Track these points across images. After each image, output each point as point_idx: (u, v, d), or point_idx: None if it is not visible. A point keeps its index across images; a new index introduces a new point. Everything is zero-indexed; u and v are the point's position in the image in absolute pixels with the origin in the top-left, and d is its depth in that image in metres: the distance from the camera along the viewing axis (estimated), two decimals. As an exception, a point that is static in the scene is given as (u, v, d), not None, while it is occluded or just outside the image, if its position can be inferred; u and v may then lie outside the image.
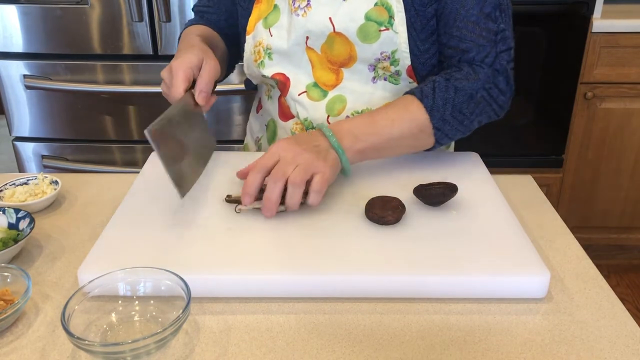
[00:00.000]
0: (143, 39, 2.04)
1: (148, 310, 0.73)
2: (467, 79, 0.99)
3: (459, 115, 0.99)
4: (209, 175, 1.02)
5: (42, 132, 2.19)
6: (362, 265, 0.78)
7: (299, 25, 1.03)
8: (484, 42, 1.00)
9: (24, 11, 2.00)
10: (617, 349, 0.70)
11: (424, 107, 0.97)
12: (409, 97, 0.99)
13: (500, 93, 1.02)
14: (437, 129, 0.99)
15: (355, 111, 1.07)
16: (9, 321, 0.73)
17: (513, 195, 1.03)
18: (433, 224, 0.87)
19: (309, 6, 1.02)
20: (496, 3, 1.00)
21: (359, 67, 1.05)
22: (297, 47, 1.06)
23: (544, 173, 2.31)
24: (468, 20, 1.00)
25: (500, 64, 1.01)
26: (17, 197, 0.99)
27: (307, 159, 0.87)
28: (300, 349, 0.70)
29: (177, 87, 0.97)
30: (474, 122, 1.02)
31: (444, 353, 0.69)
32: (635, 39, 2.13)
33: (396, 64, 1.03)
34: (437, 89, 0.98)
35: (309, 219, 0.88)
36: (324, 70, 1.07)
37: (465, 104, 0.99)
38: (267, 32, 1.08)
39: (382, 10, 0.99)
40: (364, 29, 1.00)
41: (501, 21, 1.01)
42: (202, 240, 0.83)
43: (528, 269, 0.78)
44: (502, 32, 1.01)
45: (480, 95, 1.00)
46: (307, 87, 1.08)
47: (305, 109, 1.09)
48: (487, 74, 1.00)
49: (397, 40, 1.01)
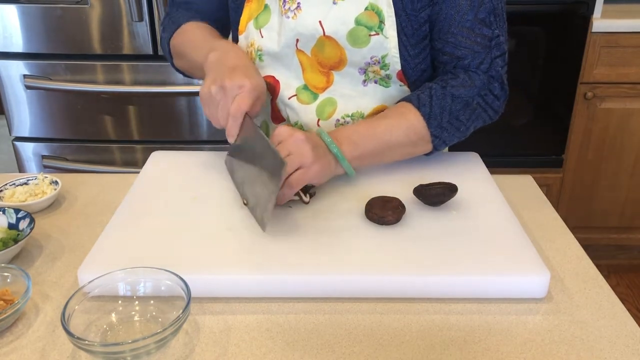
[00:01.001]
0: (143, 39, 2.04)
1: (148, 310, 0.73)
2: (464, 86, 1.00)
3: (455, 122, 1.00)
4: (209, 175, 1.02)
5: (42, 132, 2.19)
6: (362, 265, 0.78)
7: (289, 28, 1.02)
8: (479, 49, 1.01)
9: (24, 11, 2.00)
10: (617, 349, 0.70)
11: (421, 115, 0.98)
12: (406, 104, 1.00)
13: (495, 98, 1.03)
14: (434, 136, 1.00)
15: (345, 114, 1.06)
16: (9, 321, 0.73)
17: (513, 195, 1.03)
18: (433, 224, 0.87)
19: (299, 9, 1.01)
20: (490, 8, 1.00)
21: (349, 70, 1.04)
22: (288, 50, 1.05)
23: (544, 173, 2.31)
24: (463, 26, 1.00)
25: (495, 70, 1.02)
26: (17, 197, 0.99)
27: (301, 150, 0.87)
28: (300, 349, 0.70)
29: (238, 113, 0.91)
30: (470, 127, 1.03)
31: (444, 353, 0.69)
32: (635, 39, 2.13)
33: (386, 68, 1.03)
34: (434, 97, 0.99)
35: (308, 219, 0.88)
36: (314, 73, 1.06)
37: (462, 111, 1.00)
38: (258, 33, 1.06)
39: (372, 14, 0.99)
40: (353, 33, 0.99)
41: (496, 26, 1.01)
42: (202, 240, 0.83)
43: (528, 269, 0.78)
44: (496, 38, 1.01)
45: (476, 102, 1.01)
46: (297, 90, 1.07)
47: (295, 113, 1.08)
48: (482, 80, 1.01)
49: (387, 45, 1.00)
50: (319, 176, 0.91)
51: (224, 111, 0.91)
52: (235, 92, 0.90)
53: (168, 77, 2.07)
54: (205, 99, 0.93)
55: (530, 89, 2.22)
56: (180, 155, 1.10)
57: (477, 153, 1.11)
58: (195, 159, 1.08)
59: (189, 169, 1.04)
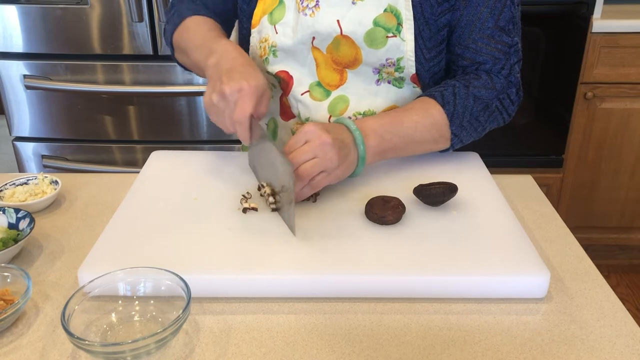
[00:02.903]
0: (143, 39, 2.04)
1: (148, 310, 0.73)
2: (485, 87, 1.02)
3: (475, 122, 1.02)
4: (209, 175, 1.02)
5: (42, 132, 2.19)
6: (362, 265, 0.78)
7: (305, 25, 1.02)
8: (499, 55, 1.03)
9: (24, 11, 2.00)
10: (617, 349, 0.70)
11: (445, 113, 1.00)
12: (430, 100, 1.01)
13: (511, 103, 1.06)
14: (454, 135, 1.01)
15: (357, 112, 1.07)
16: (9, 321, 0.73)
17: (513, 195, 1.03)
18: (433, 224, 0.87)
19: (317, 6, 1.01)
20: (510, 16, 1.02)
21: (363, 69, 1.05)
22: (303, 46, 1.05)
23: (544, 173, 2.31)
24: (484, 33, 1.02)
25: (514, 76, 1.05)
26: (17, 197, 0.99)
27: (327, 154, 0.87)
28: (300, 349, 0.70)
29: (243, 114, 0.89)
30: (486, 129, 1.05)
31: (444, 353, 0.69)
32: (635, 39, 2.13)
33: (401, 70, 1.03)
34: (458, 96, 1.00)
35: (308, 219, 0.88)
36: (328, 70, 1.06)
37: (482, 113, 1.02)
38: (272, 28, 1.06)
39: (391, 16, 0.99)
40: (371, 34, 1.00)
41: (514, 34, 1.03)
42: (202, 240, 0.83)
43: (528, 269, 0.78)
44: (515, 45, 1.04)
45: (495, 105, 1.03)
46: (310, 87, 1.08)
47: (307, 109, 1.08)
48: (502, 84, 1.04)
49: (403, 48, 1.01)
50: (339, 179, 0.92)
51: (229, 118, 0.90)
52: (235, 96, 0.89)
53: (168, 77, 2.07)
54: (209, 108, 0.93)
55: (531, 89, 2.22)
56: (180, 155, 1.10)
57: (477, 153, 1.11)
58: (195, 159, 1.08)
59: (189, 169, 1.04)
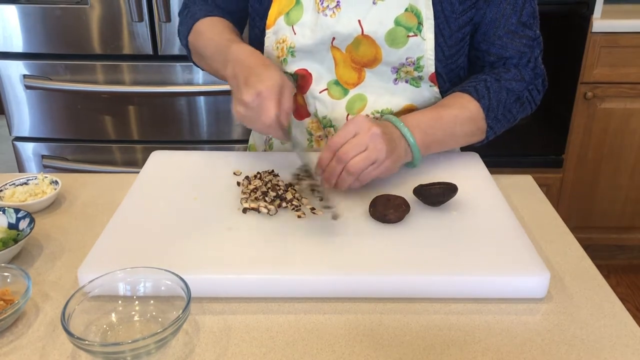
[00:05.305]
0: (143, 39, 2.04)
1: (148, 310, 0.73)
2: (515, 80, 1.05)
3: (508, 114, 1.05)
4: (209, 175, 1.02)
5: (42, 132, 2.19)
6: (362, 265, 0.78)
7: (326, 26, 1.02)
8: (525, 49, 1.06)
9: (24, 11, 2.00)
10: (617, 349, 0.70)
11: (481, 107, 1.02)
12: (464, 95, 1.03)
13: (538, 93, 1.09)
14: (490, 127, 1.04)
15: (375, 110, 1.07)
16: (9, 321, 0.73)
17: (513, 195, 1.03)
18: (433, 224, 0.87)
19: (338, 7, 1.02)
20: (531, 11, 1.05)
21: (382, 68, 1.05)
22: (322, 46, 1.05)
23: (544, 173, 2.31)
24: (508, 29, 1.04)
25: (539, 67, 1.08)
26: (17, 197, 0.99)
27: (377, 145, 0.89)
28: (300, 349, 0.70)
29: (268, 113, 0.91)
30: (517, 119, 1.09)
31: (444, 353, 0.69)
32: (635, 39, 2.13)
33: (420, 69, 1.04)
34: (491, 90, 1.03)
35: (309, 219, 0.88)
36: (346, 69, 1.07)
37: (514, 104, 1.05)
38: (290, 29, 1.05)
39: (411, 16, 1.00)
40: (392, 33, 1.00)
41: (536, 27, 1.06)
42: (202, 240, 0.83)
43: (528, 269, 0.78)
44: (538, 38, 1.07)
45: (525, 96, 1.06)
46: (328, 85, 1.08)
47: (325, 107, 1.09)
48: (530, 75, 1.07)
49: (424, 47, 1.01)
50: (387, 172, 0.94)
51: (259, 124, 0.92)
52: (256, 102, 0.90)
53: (168, 77, 2.07)
54: (241, 120, 0.95)
55: (530, 89, 2.22)
56: (180, 155, 1.10)
57: (477, 153, 1.11)
58: (195, 159, 1.08)
59: (189, 169, 1.04)
